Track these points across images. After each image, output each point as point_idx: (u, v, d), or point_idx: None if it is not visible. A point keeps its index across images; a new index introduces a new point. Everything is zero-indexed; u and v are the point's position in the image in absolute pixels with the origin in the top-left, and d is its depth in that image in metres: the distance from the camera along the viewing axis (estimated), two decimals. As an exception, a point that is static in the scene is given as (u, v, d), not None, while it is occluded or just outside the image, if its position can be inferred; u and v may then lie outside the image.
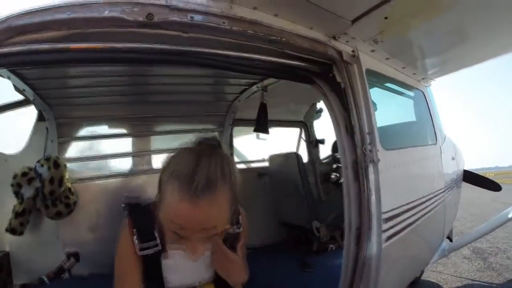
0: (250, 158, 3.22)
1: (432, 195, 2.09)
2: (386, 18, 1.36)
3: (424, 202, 1.94)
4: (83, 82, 2.00)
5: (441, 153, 2.38)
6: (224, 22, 1.09)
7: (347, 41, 1.49)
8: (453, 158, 2.91)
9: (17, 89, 1.99)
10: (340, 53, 1.43)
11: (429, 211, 2.03)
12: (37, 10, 1.02)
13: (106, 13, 1.01)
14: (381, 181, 1.41)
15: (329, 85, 1.45)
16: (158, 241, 0.98)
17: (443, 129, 2.79)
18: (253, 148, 3.10)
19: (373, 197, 1.39)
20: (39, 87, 2.00)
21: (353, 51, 1.48)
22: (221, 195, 0.82)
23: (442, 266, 3.58)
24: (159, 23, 1.02)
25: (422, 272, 2.96)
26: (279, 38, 1.23)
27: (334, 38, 1.45)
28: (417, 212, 1.82)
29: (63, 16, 1.02)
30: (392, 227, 1.52)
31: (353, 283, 1.39)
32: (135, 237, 0.97)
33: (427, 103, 2.38)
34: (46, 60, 1.15)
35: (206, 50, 1.12)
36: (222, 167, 0.86)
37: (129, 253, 0.99)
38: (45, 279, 2.05)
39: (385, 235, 1.45)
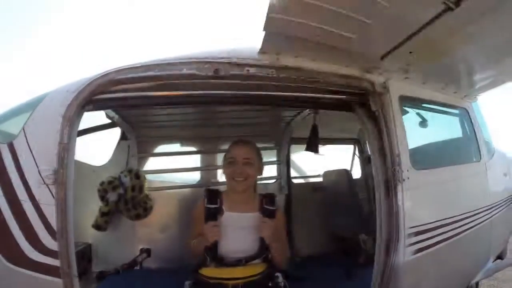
0: (307, 173, 3.51)
1: (473, 213, 2.10)
2: (411, 52, 1.54)
3: (462, 220, 1.98)
4: (159, 110, 2.41)
5: (486, 170, 2.36)
6: (272, 71, 1.41)
7: (380, 73, 1.69)
8: (505, 174, 2.80)
9: (108, 116, 2.46)
10: (373, 84, 1.64)
11: (469, 228, 2.05)
12: (131, 68, 1.44)
13: (184, 71, 1.43)
14: (409, 198, 1.59)
15: (366, 113, 1.66)
16: (218, 205, 1.71)
17: (492, 144, 2.72)
18: (310, 163, 3.38)
19: (401, 213, 1.56)
20: (125, 114, 2.48)
21: (384, 82, 1.67)
22: (253, 149, 1.76)
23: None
24: (224, 76, 1.39)
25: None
26: (319, 78, 1.50)
27: (368, 71, 1.66)
28: (452, 229, 1.89)
29: (152, 73, 1.44)
30: (420, 241, 1.66)
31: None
32: (205, 200, 1.73)
33: (470, 119, 2.38)
34: (138, 103, 1.64)
35: (260, 92, 1.46)
36: (255, 144, 1.82)
37: (199, 213, 1.73)
38: (119, 269, 2.31)
39: (413, 248, 1.61)
